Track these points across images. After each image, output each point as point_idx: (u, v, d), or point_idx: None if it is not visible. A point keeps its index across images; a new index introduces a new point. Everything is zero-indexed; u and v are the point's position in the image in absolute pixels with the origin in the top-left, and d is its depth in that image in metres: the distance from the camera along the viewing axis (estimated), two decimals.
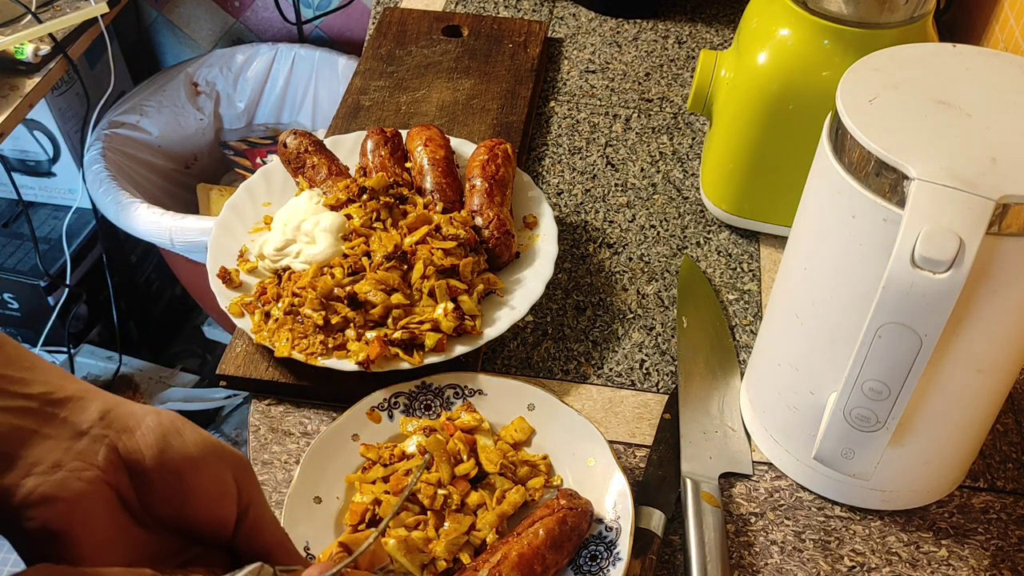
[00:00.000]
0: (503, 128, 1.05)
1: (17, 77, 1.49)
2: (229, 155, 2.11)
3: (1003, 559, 0.72)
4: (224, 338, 2.14)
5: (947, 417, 0.68)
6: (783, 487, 0.77)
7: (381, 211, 0.87)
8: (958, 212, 0.54)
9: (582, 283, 0.93)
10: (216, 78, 2.09)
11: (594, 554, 0.68)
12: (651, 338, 0.88)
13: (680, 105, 1.15)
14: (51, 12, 1.56)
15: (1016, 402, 0.83)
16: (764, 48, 0.87)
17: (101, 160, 1.82)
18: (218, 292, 0.84)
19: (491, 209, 0.88)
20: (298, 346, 0.79)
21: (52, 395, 0.44)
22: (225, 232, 0.90)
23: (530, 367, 0.85)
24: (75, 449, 0.43)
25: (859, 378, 0.62)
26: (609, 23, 1.28)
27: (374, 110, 1.08)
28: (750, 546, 0.73)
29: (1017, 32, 1.01)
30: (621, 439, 0.80)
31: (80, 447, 0.43)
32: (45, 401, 0.44)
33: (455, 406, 0.78)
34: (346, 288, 0.81)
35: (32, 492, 0.41)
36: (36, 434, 0.43)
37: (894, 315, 0.58)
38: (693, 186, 1.04)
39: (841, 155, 0.61)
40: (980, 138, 0.57)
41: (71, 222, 1.98)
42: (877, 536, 0.74)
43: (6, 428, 0.42)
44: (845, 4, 0.83)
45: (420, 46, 1.17)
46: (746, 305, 0.92)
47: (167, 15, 2.17)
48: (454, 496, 0.71)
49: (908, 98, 0.61)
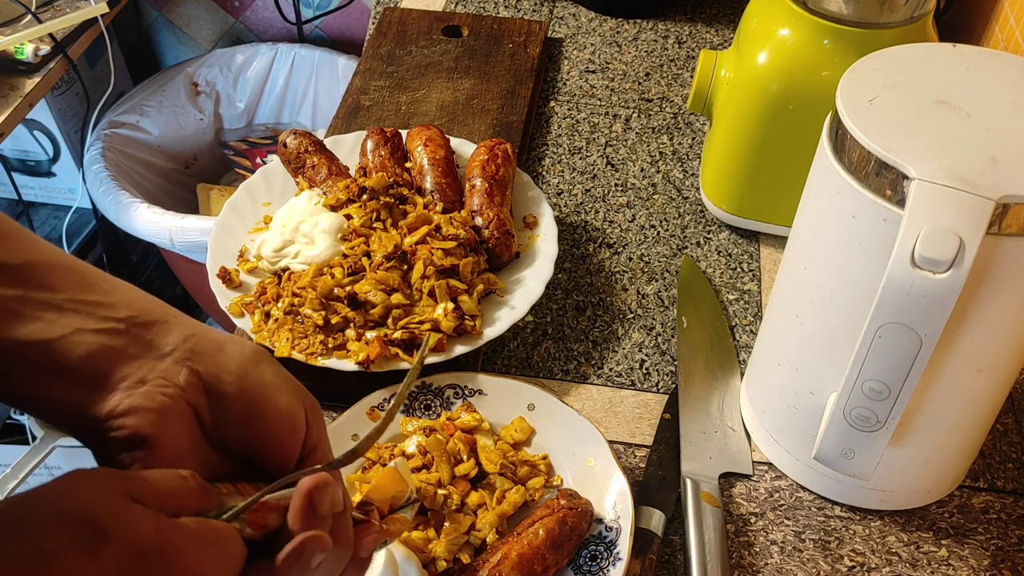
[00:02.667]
0: (503, 128, 1.05)
1: (17, 77, 1.49)
2: (229, 155, 2.11)
3: (1003, 559, 0.72)
4: None
5: (947, 417, 0.68)
6: (783, 487, 0.77)
7: (381, 211, 0.87)
8: (958, 212, 0.54)
9: (582, 283, 0.93)
10: (216, 78, 2.09)
11: (594, 554, 0.68)
12: (651, 338, 0.88)
13: (680, 105, 1.15)
14: (51, 12, 1.57)
15: (1016, 402, 0.83)
16: (764, 48, 0.87)
17: (101, 160, 1.82)
18: (218, 292, 0.84)
19: (491, 209, 0.88)
20: (298, 346, 0.79)
21: (138, 318, 0.46)
22: (225, 232, 0.90)
23: (530, 367, 0.85)
24: (158, 369, 0.45)
25: (859, 378, 0.62)
26: (609, 23, 1.28)
27: (374, 110, 1.08)
28: (750, 546, 0.73)
29: (1017, 32, 1.01)
30: (621, 439, 0.80)
31: (163, 367, 0.45)
32: (132, 323, 0.45)
33: (455, 406, 0.78)
34: (346, 288, 0.81)
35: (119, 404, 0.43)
36: (124, 354, 0.44)
37: (894, 315, 0.58)
38: (693, 186, 1.04)
39: (841, 155, 0.61)
40: (980, 138, 0.57)
41: (71, 222, 1.98)
42: (877, 536, 0.74)
43: (97, 348, 0.44)
44: (845, 4, 0.83)
45: (420, 46, 1.17)
46: (746, 305, 0.92)
47: (167, 15, 2.17)
48: (454, 496, 0.71)
49: (908, 98, 0.61)
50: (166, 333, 0.46)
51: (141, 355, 0.45)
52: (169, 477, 0.41)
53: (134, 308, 0.46)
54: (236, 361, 0.47)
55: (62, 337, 0.43)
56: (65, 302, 0.44)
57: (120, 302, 0.46)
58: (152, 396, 0.43)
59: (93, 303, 0.45)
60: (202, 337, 0.47)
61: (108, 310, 0.45)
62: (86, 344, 0.44)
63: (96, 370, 0.44)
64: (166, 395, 0.44)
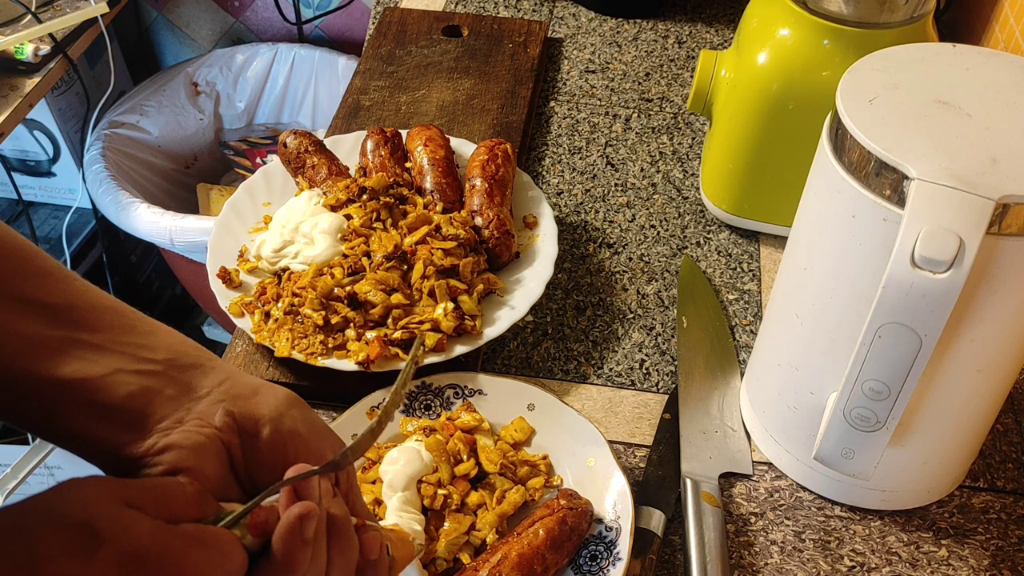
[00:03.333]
0: (503, 128, 1.05)
1: (17, 77, 1.49)
2: (229, 155, 2.11)
3: (1003, 559, 0.72)
4: (224, 338, 2.14)
5: (947, 417, 0.68)
6: (783, 487, 0.77)
7: (381, 211, 0.87)
8: (958, 212, 0.54)
9: (582, 283, 0.93)
10: (216, 78, 2.09)
11: (594, 554, 0.68)
12: (651, 338, 0.88)
13: (680, 105, 1.15)
14: (51, 12, 1.57)
15: (1016, 402, 0.83)
16: (764, 48, 0.87)
17: (101, 160, 1.82)
18: (218, 292, 0.84)
19: (491, 209, 0.88)
20: (298, 346, 0.79)
21: (176, 360, 0.48)
22: (225, 232, 0.90)
23: (530, 367, 0.85)
24: (196, 410, 0.46)
25: (859, 378, 0.62)
26: (609, 23, 1.28)
27: (374, 110, 1.08)
28: (750, 546, 0.73)
29: (1017, 32, 1.01)
30: (621, 439, 0.80)
31: (200, 408, 0.46)
32: (170, 365, 0.47)
33: (455, 406, 0.78)
34: (346, 288, 0.81)
35: (157, 443, 0.44)
36: (162, 395, 0.46)
37: (894, 315, 0.58)
38: (693, 186, 1.04)
39: (841, 155, 0.61)
40: (980, 138, 0.57)
41: (71, 222, 1.98)
42: (877, 536, 0.74)
43: (137, 388, 0.45)
44: (845, 4, 0.83)
45: (420, 46, 1.17)
46: (746, 305, 0.92)
47: (167, 15, 2.17)
48: (454, 496, 0.71)
49: (908, 98, 0.61)
50: (203, 376, 0.48)
51: (179, 396, 0.46)
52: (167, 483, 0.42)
53: (173, 351, 0.48)
54: (270, 404, 0.48)
55: (103, 376, 0.45)
56: (106, 342, 0.46)
57: (159, 344, 0.48)
58: (189, 435, 0.45)
59: (133, 344, 0.47)
60: (237, 380, 0.49)
61: (148, 351, 0.47)
62: (126, 384, 0.45)
63: (136, 410, 0.45)
64: (202, 434, 0.45)
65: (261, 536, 0.42)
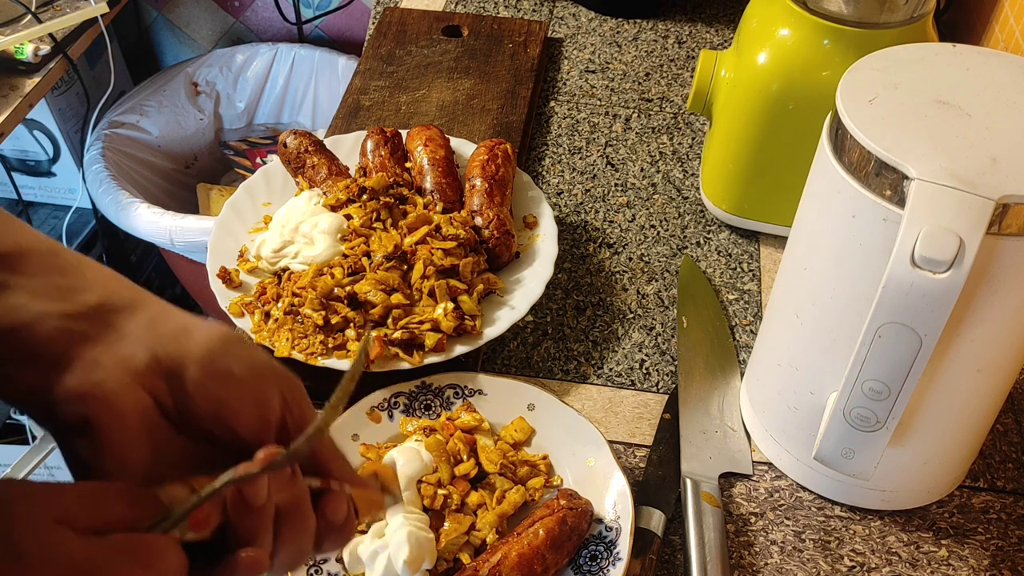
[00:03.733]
0: (503, 128, 1.05)
1: (17, 77, 1.49)
2: (229, 155, 2.11)
3: (1003, 559, 0.72)
4: None
5: (947, 417, 0.68)
6: (783, 487, 0.77)
7: (381, 211, 0.87)
8: (958, 212, 0.54)
9: (582, 283, 0.93)
10: (216, 78, 2.09)
11: (594, 554, 0.68)
12: (651, 338, 0.88)
13: (680, 105, 1.15)
14: (51, 12, 1.57)
15: (1016, 402, 0.83)
16: (764, 48, 0.87)
17: (101, 160, 1.82)
18: (218, 292, 0.84)
19: (491, 209, 0.88)
20: (298, 346, 0.79)
21: (106, 302, 0.45)
22: (225, 232, 0.90)
23: (530, 367, 0.85)
24: (113, 351, 0.44)
25: (859, 378, 0.62)
26: (609, 23, 1.28)
27: (374, 110, 1.08)
28: (750, 546, 0.73)
29: (1017, 32, 1.01)
30: (621, 439, 0.80)
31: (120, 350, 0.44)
32: (101, 307, 0.45)
33: (455, 406, 0.78)
34: (346, 288, 0.81)
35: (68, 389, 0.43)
36: (84, 336, 0.44)
37: (894, 315, 0.58)
38: (693, 186, 1.04)
39: (841, 155, 0.61)
40: (980, 138, 0.57)
41: (71, 222, 1.98)
42: (877, 536, 0.74)
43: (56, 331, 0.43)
44: (845, 4, 0.83)
45: (420, 46, 1.17)
46: (746, 305, 0.92)
47: (167, 15, 2.18)
48: (454, 496, 0.71)
49: (908, 98, 0.61)
50: (130, 316, 0.45)
51: (100, 337, 0.44)
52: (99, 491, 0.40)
53: (106, 292, 0.45)
54: (202, 345, 0.45)
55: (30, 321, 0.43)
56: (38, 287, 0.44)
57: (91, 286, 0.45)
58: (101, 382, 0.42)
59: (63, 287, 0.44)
60: (168, 320, 0.46)
61: (79, 293, 0.45)
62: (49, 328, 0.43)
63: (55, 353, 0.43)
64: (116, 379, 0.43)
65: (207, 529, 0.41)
